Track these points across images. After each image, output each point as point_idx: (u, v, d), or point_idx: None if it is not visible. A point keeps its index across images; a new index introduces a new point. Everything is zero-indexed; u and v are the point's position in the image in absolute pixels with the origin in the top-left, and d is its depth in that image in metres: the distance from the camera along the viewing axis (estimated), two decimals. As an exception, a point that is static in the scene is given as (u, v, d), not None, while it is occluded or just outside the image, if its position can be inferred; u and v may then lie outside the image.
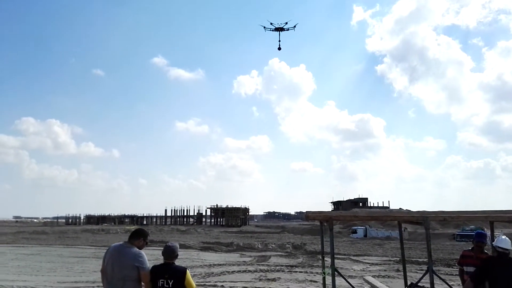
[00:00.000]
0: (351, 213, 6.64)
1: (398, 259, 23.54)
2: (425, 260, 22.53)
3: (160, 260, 5.14)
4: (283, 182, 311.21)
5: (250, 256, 25.07)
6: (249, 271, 17.86)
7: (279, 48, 17.06)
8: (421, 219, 6.61)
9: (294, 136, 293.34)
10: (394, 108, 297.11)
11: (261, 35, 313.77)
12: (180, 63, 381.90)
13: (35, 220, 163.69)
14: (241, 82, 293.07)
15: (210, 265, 19.90)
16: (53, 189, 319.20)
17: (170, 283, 4.79)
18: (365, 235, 56.29)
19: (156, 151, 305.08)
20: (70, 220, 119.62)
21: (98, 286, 13.33)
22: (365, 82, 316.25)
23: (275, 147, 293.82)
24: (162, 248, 5.11)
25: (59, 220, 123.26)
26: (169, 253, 5.06)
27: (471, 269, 6.44)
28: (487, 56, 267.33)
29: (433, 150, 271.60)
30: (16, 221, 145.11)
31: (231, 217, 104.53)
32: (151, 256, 5.06)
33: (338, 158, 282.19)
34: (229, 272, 17.46)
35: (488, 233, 7.23)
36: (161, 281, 4.82)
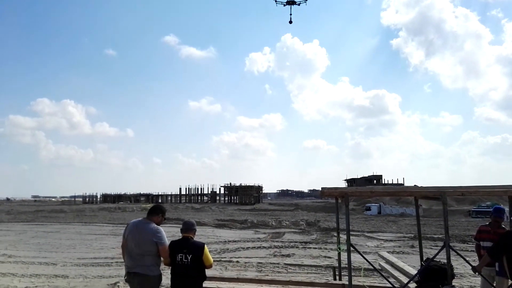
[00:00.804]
0: (367, 189, 6.64)
1: (412, 235, 23.58)
2: (440, 236, 22.53)
3: (177, 237, 5.21)
4: (296, 160, 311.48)
5: (264, 233, 25.33)
6: (264, 247, 18.08)
7: (290, 22, 16.89)
8: (438, 194, 6.53)
9: (307, 114, 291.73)
10: (409, 83, 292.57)
11: (273, 10, 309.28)
12: (192, 41, 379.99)
13: (53, 199, 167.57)
14: (253, 59, 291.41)
15: (225, 241, 20.19)
16: (69, 168, 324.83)
17: (189, 258, 4.85)
18: (379, 212, 56.31)
19: (169, 131, 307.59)
20: (87, 199, 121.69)
21: (116, 262, 13.64)
22: (380, 57, 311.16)
23: (288, 125, 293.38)
24: (178, 226, 5.18)
25: (76, 199, 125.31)
26: (188, 225, 5.15)
27: (488, 244, 6.39)
28: (506, 28, 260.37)
29: (449, 125, 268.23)
30: (35, 200, 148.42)
31: (244, 195, 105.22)
32: (167, 234, 5.13)
33: (352, 135, 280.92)
34: (244, 248, 17.70)
35: (506, 208, 7.14)
36: (180, 256, 4.88)
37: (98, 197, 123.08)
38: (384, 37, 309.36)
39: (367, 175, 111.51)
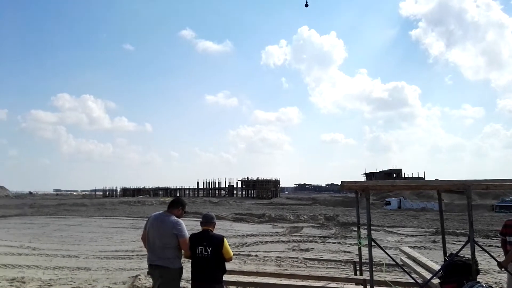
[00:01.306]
0: (389, 182, 6.48)
1: (434, 230, 23.22)
2: (463, 231, 22.12)
3: (195, 230, 5.21)
4: (313, 154, 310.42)
5: (283, 227, 25.31)
6: (282, 241, 18.05)
7: (306, 5, 16.83)
8: (462, 187, 6.34)
9: (324, 107, 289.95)
10: (429, 75, 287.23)
11: (289, 2, 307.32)
12: (208, 35, 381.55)
13: (74, 193, 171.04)
14: (269, 53, 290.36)
15: (244, 235, 20.23)
16: (90, 163, 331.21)
17: (209, 250, 4.84)
18: (399, 207, 55.65)
19: (187, 125, 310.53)
20: (107, 193, 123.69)
21: (137, 255, 13.82)
22: (399, 48, 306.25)
23: (305, 118, 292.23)
24: (196, 219, 5.19)
25: (97, 193, 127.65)
26: (208, 218, 5.15)
27: (515, 239, 6.21)
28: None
29: (471, 118, 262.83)
30: (57, 194, 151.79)
31: (262, 189, 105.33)
32: (186, 227, 5.14)
33: (371, 128, 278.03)
34: (262, 242, 17.70)
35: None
36: (200, 248, 4.87)
37: (118, 190, 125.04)
38: (403, 28, 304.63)
39: (386, 169, 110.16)
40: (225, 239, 5.00)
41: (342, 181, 6.52)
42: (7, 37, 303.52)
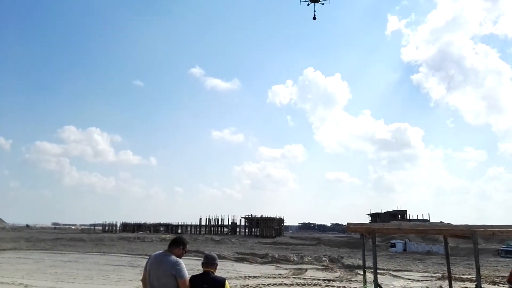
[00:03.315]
0: (394, 225, 6.32)
1: (440, 275, 22.59)
2: (469, 276, 21.50)
3: (196, 270, 5.07)
4: (318, 192, 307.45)
5: (286, 269, 24.69)
6: (285, 284, 17.54)
7: (314, 18, 17.88)
8: (469, 233, 6.22)
9: (329, 146, 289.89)
10: (431, 118, 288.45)
11: (296, 44, 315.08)
12: (217, 73, 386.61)
13: (72, 227, 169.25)
14: (275, 92, 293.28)
15: (245, 276, 19.71)
16: (91, 196, 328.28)
17: (209, 294, 4.69)
18: (405, 249, 54.55)
19: (192, 160, 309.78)
20: (106, 228, 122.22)
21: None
22: (401, 91, 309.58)
23: (310, 156, 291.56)
24: (197, 258, 5.07)
25: (96, 227, 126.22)
26: (210, 260, 5.02)
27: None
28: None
29: (473, 161, 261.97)
30: (55, 228, 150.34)
31: (265, 228, 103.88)
32: (186, 266, 4.99)
33: (375, 168, 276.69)
34: (264, 285, 17.18)
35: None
36: (200, 292, 4.73)
37: (118, 225, 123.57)
38: (404, 72, 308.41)
39: (391, 210, 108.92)
40: (226, 281, 4.86)
41: (347, 223, 6.42)
42: (18, 68, 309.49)
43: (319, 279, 19.54)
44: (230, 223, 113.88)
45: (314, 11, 19.79)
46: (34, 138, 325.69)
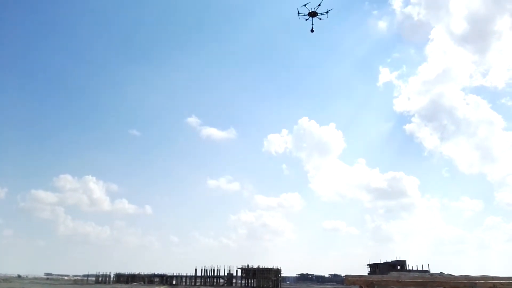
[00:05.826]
0: (393, 277, 6.29)
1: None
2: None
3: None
4: (315, 241, 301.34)
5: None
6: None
7: (312, 31, 18.69)
8: (469, 285, 6.24)
9: (325, 194, 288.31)
10: (426, 167, 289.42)
11: (291, 94, 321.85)
12: (213, 122, 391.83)
13: (65, 278, 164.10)
14: (271, 141, 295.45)
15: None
16: (85, 245, 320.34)
17: None
18: (405, 302, 53.09)
19: (188, 208, 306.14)
20: (100, 279, 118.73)
21: None
22: (395, 140, 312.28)
23: (306, 205, 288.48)
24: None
25: (89, 278, 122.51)
26: None
27: None
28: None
29: (470, 210, 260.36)
30: (47, 278, 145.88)
31: (262, 279, 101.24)
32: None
33: (372, 217, 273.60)
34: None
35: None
36: None
37: (112, 276, 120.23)
38: (397, 122, 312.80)
39: (390, 260, 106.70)
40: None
41: (346, 275, 6.44)
42: (14, 116, 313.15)
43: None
44: (226, 274, 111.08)
45: (312, 24, 20.87)
46: (29, 186, 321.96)
